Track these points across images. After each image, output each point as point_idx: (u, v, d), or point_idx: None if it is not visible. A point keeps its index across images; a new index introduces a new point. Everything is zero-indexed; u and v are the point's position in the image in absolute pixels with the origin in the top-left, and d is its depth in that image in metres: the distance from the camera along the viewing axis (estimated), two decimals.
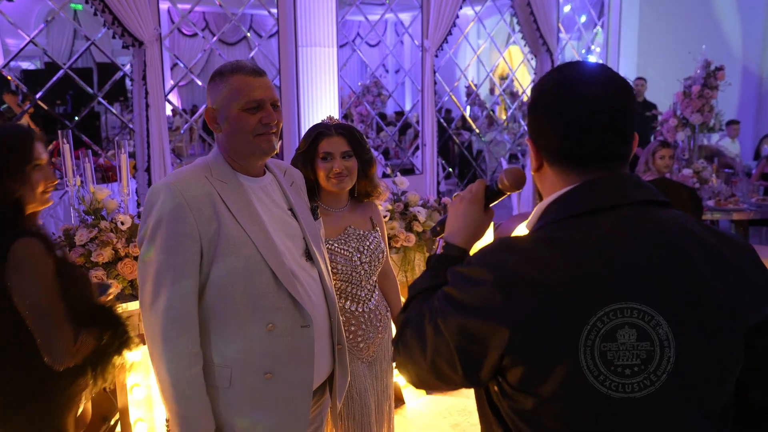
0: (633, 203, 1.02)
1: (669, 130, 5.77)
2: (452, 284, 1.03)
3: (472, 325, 0.98)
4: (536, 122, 1.07)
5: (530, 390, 0.97)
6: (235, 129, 1.57)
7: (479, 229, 1.22)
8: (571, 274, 0.96)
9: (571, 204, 1.02)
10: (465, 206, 1.22)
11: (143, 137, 4.44)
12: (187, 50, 12.27)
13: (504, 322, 0.95)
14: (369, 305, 2.14)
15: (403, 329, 1.11)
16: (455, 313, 1.00)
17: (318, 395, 1.76)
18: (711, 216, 5.17)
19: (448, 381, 1.05)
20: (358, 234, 2.14)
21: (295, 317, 1.59)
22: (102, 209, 2.70)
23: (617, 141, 1.04)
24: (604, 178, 1.02)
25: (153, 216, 1.51)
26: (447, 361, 1.02)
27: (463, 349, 0.99)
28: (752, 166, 7.28)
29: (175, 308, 1.49)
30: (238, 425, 1.58)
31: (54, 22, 5.16)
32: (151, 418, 2.59)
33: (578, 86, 1.03)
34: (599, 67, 1.08)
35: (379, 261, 2.17)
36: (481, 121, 9.01)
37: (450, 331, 1.00)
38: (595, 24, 8.33)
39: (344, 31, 5.61)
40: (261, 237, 1.56)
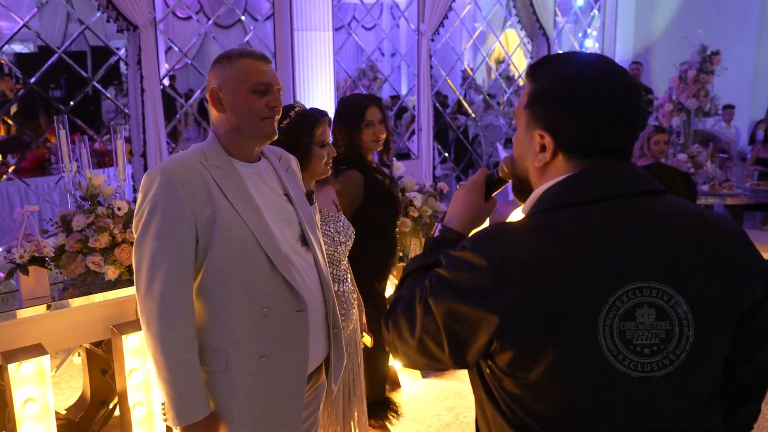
0: (631, 194, 1.03)
1: (664, 114, 5.78)
2: (445, 267, 1.04)
3: (463, 308, 0.99)
4: (558, 114, 1.04)
5: (518, 374, 0.99)
6: (241, 110, 1.58)
7: (478, 216, 1.23)
8: (569, 260, 0.96)
9: (570, 193, 1.02)
10: (465, 193, 1.23)
11: (138, 122, 4.43)
12: (181, 33, 12.15)
13: (494, 308, 0.96)
14: (345, 285, 2.23)
15: (394, 307, 1.12)
16: (446, 294, 1.01)
17: (314, 379, 1.78)
18: (705, 201, 5.19)
19: (434, 360, 1.06)
20: (331, 216, 2.21)
21: (291, 302, 1.61)
22: (99, 195, 2.71)
23: (634, 137, 1.06)
24: (604, 167, 1.03)
25: (148, 202, 1.52)
26: (434, 341, 1.03)
27: (450, 330, 1.01)
28: (747, 151, 7.29)
29: (171, 293, 1.51)
30: (234, 408, 1.60)
31: (47, 5, 5.11)
32: (149, 402, 2.62)
33: (611, 82, 1.03)
34: (614, 63, 1.08)
35: (351, 241, 2.26)
36: (478, 105, 8.99)
37: (440, 312, 1.01)
38: (591, 8, 8.30)
39: (339, 14, 5.57)
40: (256, 222, 1.57)
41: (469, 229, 1.22)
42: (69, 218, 2.64)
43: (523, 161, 1.12)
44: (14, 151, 5.36)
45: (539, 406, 1.00)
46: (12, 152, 5.36)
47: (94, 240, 2.60)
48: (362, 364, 2.37)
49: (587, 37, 8.56)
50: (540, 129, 1.05)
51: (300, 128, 2.06)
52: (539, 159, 1.06)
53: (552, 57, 1.11)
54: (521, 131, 1.10)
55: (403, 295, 1.11)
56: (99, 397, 2.82)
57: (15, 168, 4.85)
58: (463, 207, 1.22)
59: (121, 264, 2.65)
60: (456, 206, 1.23)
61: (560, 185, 1.04)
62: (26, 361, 2.33)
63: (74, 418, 2.78)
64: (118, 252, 2.64)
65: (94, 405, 2.82)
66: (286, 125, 2.02)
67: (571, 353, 0.96)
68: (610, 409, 0.99)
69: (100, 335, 2.68)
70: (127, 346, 2.56)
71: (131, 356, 2.57)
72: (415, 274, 1.15)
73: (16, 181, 4.76)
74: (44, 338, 2.48)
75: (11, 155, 5.35)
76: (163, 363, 1.51)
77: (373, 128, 2.61)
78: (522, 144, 1.11)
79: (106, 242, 2.62)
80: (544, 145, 1.05)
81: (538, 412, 1.00)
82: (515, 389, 1.01)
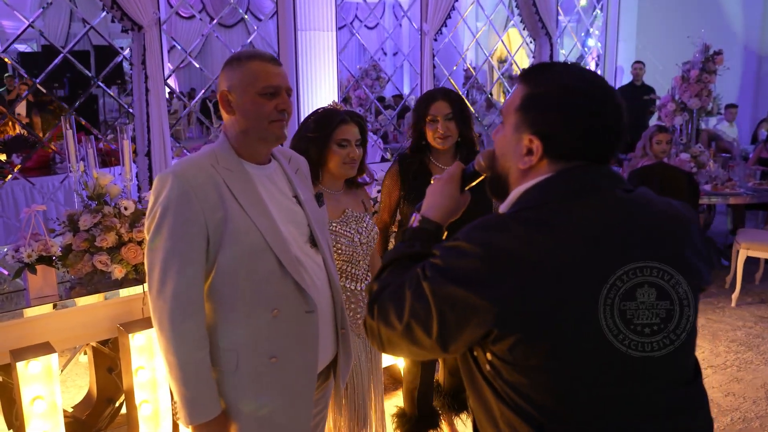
0: (609, 189, 1.07)
1: (667, 114, 5.79)
2: (440, 257, 1.06)
3: (459, 293, 1.00)
4: (552, 121, 1.07)
5: (519, 361, 1.00)
6: (250, 113, 1.59)
7: (454, 207, 1.27)
8: (565, 251, 0.99)
9: (555, 189, 1.06)
10: (441, 185, 1.28)
11: (143, 122, 4.44)
12: (184, 32, 12.17)
13: (491, 298, 0.98)
14: (365, 283, 2.25)
15: (379, 294, 1.13)
16: (442, 280, 1.02)
17: (322, 378, 1.80)
18: (708, 200, 5.21)
19: (417, 345, 1.07)
20: (355, 216, 2.23)
21: (300, 303, 1.63)
22: (105, 194, 2.72)
23: (617, 149, 1.10)
24: (585, 167, 1.07)
25: (160, 204, 1.53)
26: (422, 326, 1.04)
27: (443, 316, 1.02)
28: (749, 151, 7.29)
29: (183, 294, 1.52)
30: (244, 408, 1.62)
31: (51, 4, 5.12)
32: (155, 400, 2.63)
33: (605, 98, 1.07)
34: (606, 80, 1.13)
35: (373, 241, 2.28)
36: (480, 104, 8.99)
37: (435, 297, 1.02)
38: (594, 7, 8.29)
39: (342, 13, 5.58)
40: (266, 224, 1.58)
41: (445, 219, 1.26)
42: (76, 218, 2.66)
43: (505, 160, 1.14)
44: (19, 151, 5.37)
45: (540, 391, 1.01)
46: (17, 151, 5.37)
47: (100, 239, 2.61)
48: (381, 368, 2.37)
49: (590, 37, 8.57)
50: (530, 133, 1.08)
51: (318, 123, 2.13)
52: (525, 161, 1.09)
53: (549, 65, 1.14)
54: (509, 132, 1.13)
55: (389, 283, 1.13)
56: (105, 395, 2.84)
57: (20, 167, 4.87)
58: (440, 198, 1.26)
59: (127, 263, 2.66)
60: (433, 198, 1.27)
61: (544, 184, 1.07)
62: (34, 359, 2.34)
63: (81, 416, 2.80)
64: (125, 251, 2.65)
65: (100, 403, 2.83)
66: (310, 117, 2.10)
67: (572, 335, 0.98)
68: (610, 388, 1.00)
69: (106, 334, 2.70)
70: (134, 345, 2.58)
71: (138, 354, 2.58)
72: (398, 263, 1.18)
73: (21, 181, 4.78)
74: (51, 336, 2.50)
75: (16, 154, 5.36)
76: (174, 362, 1.53)
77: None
78: (507, 144, 1.13)
79: (113, 241, 2.64)
80: (531, 149, 1.08)
81: (538, 399, 1.01)
82: (517, 377, 1.02)
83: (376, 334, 1.13)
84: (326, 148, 2.12)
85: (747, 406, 3.40)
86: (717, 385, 3.60)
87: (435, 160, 2.65)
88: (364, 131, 2.19)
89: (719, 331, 4.35)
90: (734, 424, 3.22)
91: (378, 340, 1.13)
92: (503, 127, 1.15)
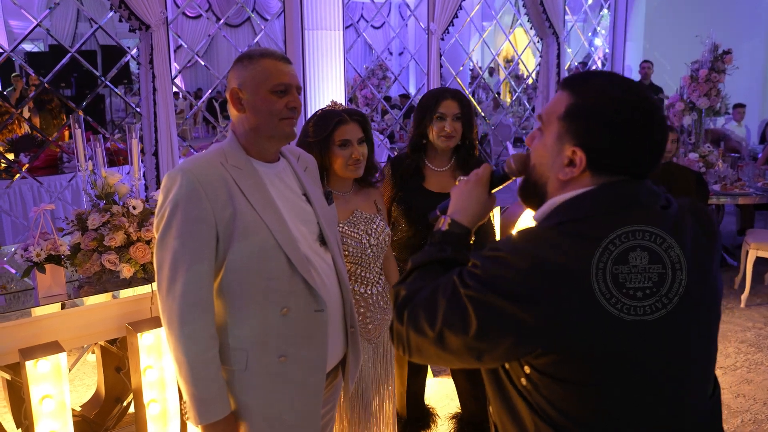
0: (650, 205, 1.06)
1: (675, 114, 5.75)
2: (482, 267, 1.03)
3: (504, 308, 0.98)
4: (599, 134, 1.04)
5: (559, 377, 0.99)
6: (261, 110, 1.58)
7: (483, 210, 1.24)
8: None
9: (597, 204, 1.03)
10: (470, 187, 1.25)
11: (150, 121, 4.45)
12: (191, 32, 12.21)
13: (538, 314, 0.96)
14: (377, 287, 2.19)
15: (409, 299, 1.11)
16: (484, 292, 1.00)
17: (331, 377, 1.79)
18: (717, 200, 5.17)
19: (450, 353, 1.05)
20: (365, 217, 2.18)
21: (309, 301, 1.62)
22: (114, 194, 2.72)
23: (659, 164, 1.09)
24: (627, 183, 1.05)
25: (169, 202, 1.53)
26: (456, 335, 1.02)
27: (482, 328, 0.99)
28: (758, 150, 7.25)
29: (192, 292, 1.52)
30: (253, 407, 1.61)
31: (58, 4, 5.13)
32: (164, 399, 2.63)
33: (656, 106, 1.06)
34: (650, 91, 1.12)
35: (385, 243, 2.21)
36: (487, 104, 8.97)
37: (477, 309, 1.00)
38: (601, 6, 8.27)
39: (348, 12, 5.58)
40: (276, 222, 1.58)
41: (474, 222, 1.23)
42: (84, 217, 2.66)
43: (544, 168, 1.11)
44: (27, 150, 5.39)
45: (578, 405, 1.00)
46: (25, 151, 5.38)
47: (109, 238, 2.61)
48: (394, 371, 2.33)
49: (597, 36, 8.54)
50: (573, 144, 1.05)
51: (316, 127, 2.09)
52: (566, 173, 1.07)
53: (593, 73, 1.11)
54: (549, 141, 1.09)
55: (419, 288, 1.11)
56: (113, 395, 2.84)
57: (28, 166, 4.88)
58: (468, 201, 1.23)
59: (136, 262, 2.66)
60: (461, 200, 1.24)
61: (587, 197, 1.04)
62: (43, 358, 2.35)
63: (89, 415, 2.80)
64: (133, 250, 2.65)
65: (108, 402, 2.84)
66: (309, 122, 2.06)
67: (567, 303, 0.96)
68: (604, 353, 0.98)
69: (115, 333, 2.70)
70: (143, 344, 2.57)
71: (146, 354, 2.58)
72: (426, 267, 1.15)
73: (29, 180, 4.79)
74: (60, 336, 2.50)
75: (23, 154, 5.38)
76: (184, 361, 1.52)
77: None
78: (547, 153, 1.10)
79: (122, 241, 2.63)
80: (574, 160, 1.05)
81: (573, 412, 1.00)
82: (556, 391, 1.00)
83: (405, 340, 1.10)
84: (328, 151, 2.07)
85: (758, 407, 3.38)
86: (727, 387, 3.58)
87: (429, 161, 2.58)
88: (366, 128, 2.13)
89: (728, 332, 4.33)
90: (744, 426, 3.20)
91: (406, 346, 1.11)
92: (542, 134, 1.12)
